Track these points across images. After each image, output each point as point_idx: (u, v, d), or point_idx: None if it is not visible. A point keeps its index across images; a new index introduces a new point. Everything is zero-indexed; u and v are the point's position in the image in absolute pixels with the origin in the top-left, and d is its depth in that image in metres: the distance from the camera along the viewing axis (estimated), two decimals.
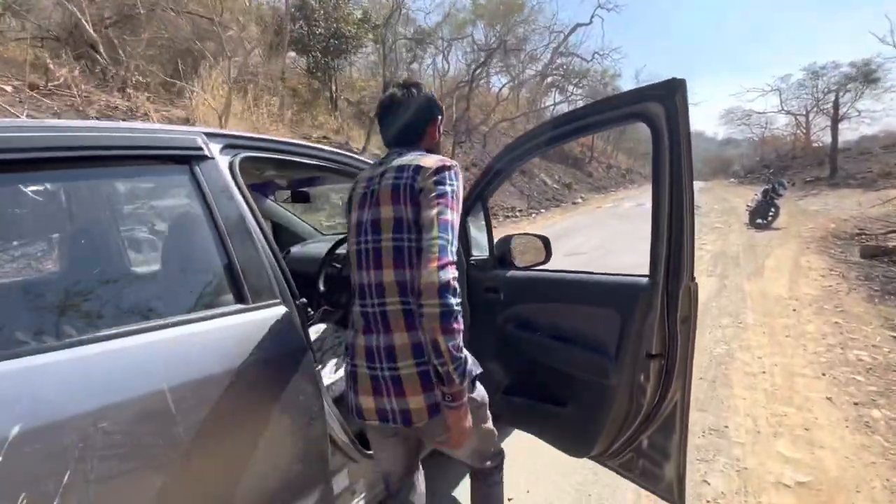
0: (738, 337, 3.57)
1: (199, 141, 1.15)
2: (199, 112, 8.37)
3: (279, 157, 1.39)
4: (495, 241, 1.79)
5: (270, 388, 1.04)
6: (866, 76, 22.84)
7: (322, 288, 1.87)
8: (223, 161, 1.18)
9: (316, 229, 3.04)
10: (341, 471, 1.28)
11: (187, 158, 1.11)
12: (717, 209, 13.85)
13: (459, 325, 0.89)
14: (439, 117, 1.15)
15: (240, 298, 1.07)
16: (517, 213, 13.18)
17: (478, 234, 1.82)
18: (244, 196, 1.16)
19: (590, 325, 1.38)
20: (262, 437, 1.02)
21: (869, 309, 4.09)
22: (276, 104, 10.50)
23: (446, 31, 19.25)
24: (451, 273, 0.88)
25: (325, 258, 1.94)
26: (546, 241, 1.81)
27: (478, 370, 1.06)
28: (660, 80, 1.12)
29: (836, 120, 18.42)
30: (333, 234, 2.91)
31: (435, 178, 0.96)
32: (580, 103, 28.95)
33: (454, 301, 0.87)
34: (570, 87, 25.76)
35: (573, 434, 1.43)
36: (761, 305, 4.35)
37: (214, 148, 1.18)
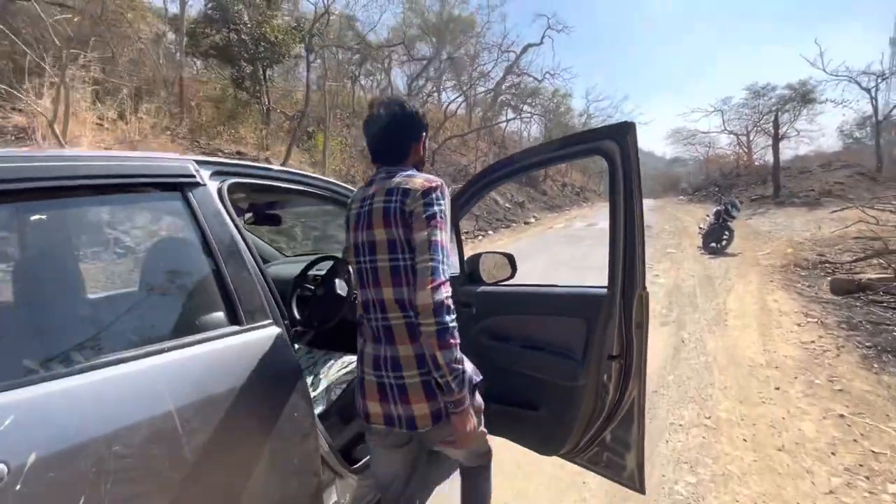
0: (709, 452, 2.33)
1: (192, 168, 1.21)
2: (40, 120, 6.63)
3: (264, 182, 1.46)
4: (465, 258, 1.91)
5: (268, 405, 1.09)
6: (803, 96, 23.94)
7: (295, 310, 1.80)
8: (213, 186, 1.23)
9: (280, 251, 3.00)
10: (330, 486, 1.33)
11: (180, 185, 1.16)
12: (669, 229, 13.40)
13: (455, 339, 0.96)
14: (423, 134, 1.18)
15: (235, 320, 1.11)
16: (462, 236, 11.93)
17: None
18: (233, 220, 1.22)
19: (558, 333, 1.51)
20: (261, 453, 1.06)
21: (873, 383, 3.01)
22: (162, 114, 8.83)
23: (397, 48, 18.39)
24: (445, 292, 0.95)
25: (296, 280, 1.89)
26: (511, 259, 1.93)
27: (478, 378, 1.16)
28: (614, 123, 1.36)
29: (776, 138, 18.54)
30: (296, 256, 2.90)
31: (423, 201, 1.00)
32: (534, 120, 28.86)
33: (449, 318, 0.95)
34: (523, 106, 25.36)
35: (545, 434, 1.55)
36: (733, 379, 3.20)
37: (205, 174, 1.23)
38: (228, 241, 1.16)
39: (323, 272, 1.80)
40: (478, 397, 1.17)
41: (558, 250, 9.70)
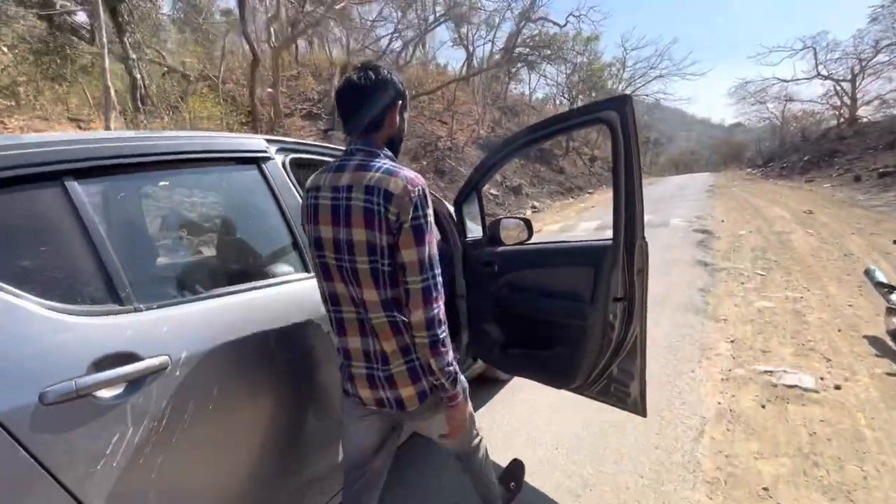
0: None
1: (265, 144, 1.49)
2: None
3: (316, 157, 1.70)
4: (488, 224, 2.15)
5: (325, 336, 1.38)
6: None
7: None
8: (279, 160, 1.51)
9: None
10: None
11: (257, 160, 1.44)
12: (748, 239, 6.64)
13: (447, 347, 1.05)
14: (400, 102, 1.13)
15: (305, 268, 1.43)
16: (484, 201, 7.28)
17: (471, 221, 2.24)
18: (295, 187, 1.49)
19: (570, 281, 1.71)
20: (323, 371, 1.37)
21: None
22: None
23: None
24: (437, 308, 1.03)
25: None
26: (528, 223, 2.16)
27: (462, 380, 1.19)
28: (615, 95, 1.55)
29: None
30: None
31: (412, 214, 0.99)
32: (556, 77, 22.76)
33: (440, 330, 1.03)
34: (544, 64, 19.50)
35: (560, 370, 1.73)
36: None
37: (272, 150, 1.51)
38: (294, 205, 1.45)
39: None
40: (462, 381, 1.16)
41: None
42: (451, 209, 2.25)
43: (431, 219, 1.03)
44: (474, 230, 2.24)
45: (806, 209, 8.93)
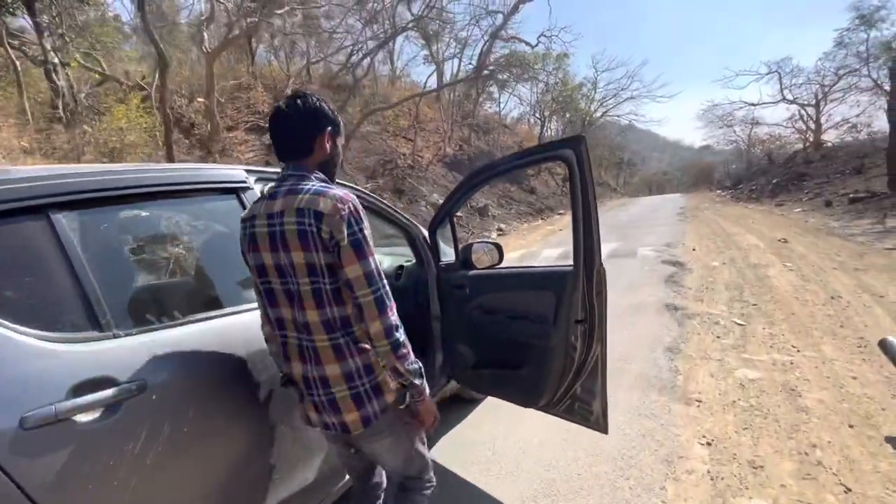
0: None
1: (244, 175, 1.56)
2: None
3: None
4: (460, 248, 2.23)
5: None
6: None
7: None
8: (257, 189, 1.55)
9: None
10: None
11: (236, 189, 1.51)
12: (720, 273, 5.88)
13: (407, 347, 1.07)
14: (329, 129, 1.15)
15: None
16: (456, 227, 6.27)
17: (445, 245, 2.33)
18: None
19: (535, 303, 1.80)
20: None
21: None
22: None
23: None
24: (392, 316, 1.05)
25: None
26: (499, 247, 2.32)
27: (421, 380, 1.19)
28: (569, 136, 1.92)
29: None
30: None
31: (347, 232, 1.01)
32: (528, 96, 22.37)
33: (398, 334, 1.05)
34: (515, 83, 19.15)
35: (528, 389, 1.81)
36: None
37: (251, 180, 1.56)
38: None
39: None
40: (424, 384, 1.18)
41: None
42: (427, 233, 2.31)
43: (368, 232, 1.05)
44: (448, 254, 2.32)
45: (780, 237, 8.33)
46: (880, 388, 2.70)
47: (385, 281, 1.05)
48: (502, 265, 2.24)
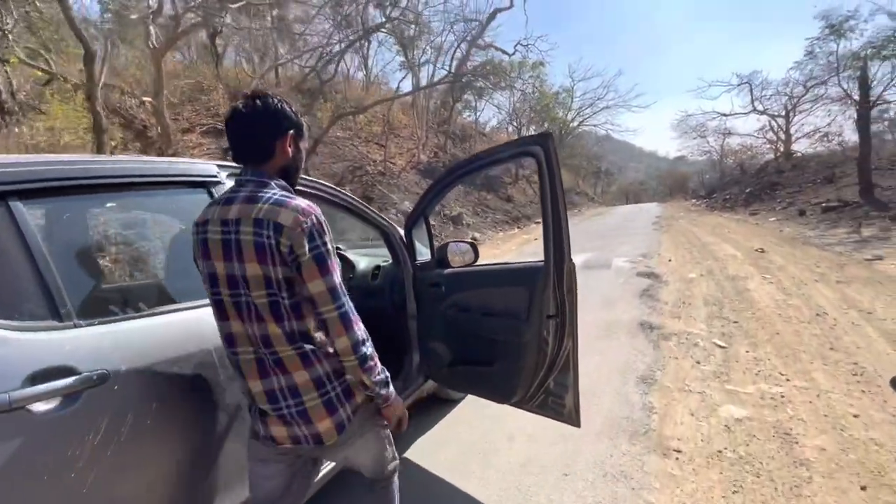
0: None
1: (215, 170, 1.52)
2: None
3: None
4: (436, 247, 2.28)
5: None
6: None
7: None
8: (229, 185, 1.49)
9: None
10: None
11: (206, 184, 1.48)
12: (706, 301, 4.85)
13: (374, 360, 1.05)
14: (291, 131, 1.09)
15: None
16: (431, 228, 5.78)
17: (420, 244, 2.33)
18: None
19: (507, 300, 1.81)
20: None
21: None
22: None
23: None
24: (359, 330, 1.02)
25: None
26: (474, 246, 2.37)
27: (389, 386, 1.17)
28: (538, 133, 1.93)
29: (865, 103, 11.41)
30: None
31: (308, 246, 0.96)
32: (505, 106, 22.17)
33: (365, 348, 1.02)
34: (492, 91, 18.86)
35: (500, 385, 1.84)
36: None
37: (222, 175, 1.53)
38: None
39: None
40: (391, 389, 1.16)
41: None
42: (403, 233, 2.29)
43: (331, 246, 1.01)
44: (424, 253, 2.33)
45: (757, 247, 8.07)
46: (888, 430, 2.27)
47: (347, 296, 1.02)
48: (477, 264, 2.30)
